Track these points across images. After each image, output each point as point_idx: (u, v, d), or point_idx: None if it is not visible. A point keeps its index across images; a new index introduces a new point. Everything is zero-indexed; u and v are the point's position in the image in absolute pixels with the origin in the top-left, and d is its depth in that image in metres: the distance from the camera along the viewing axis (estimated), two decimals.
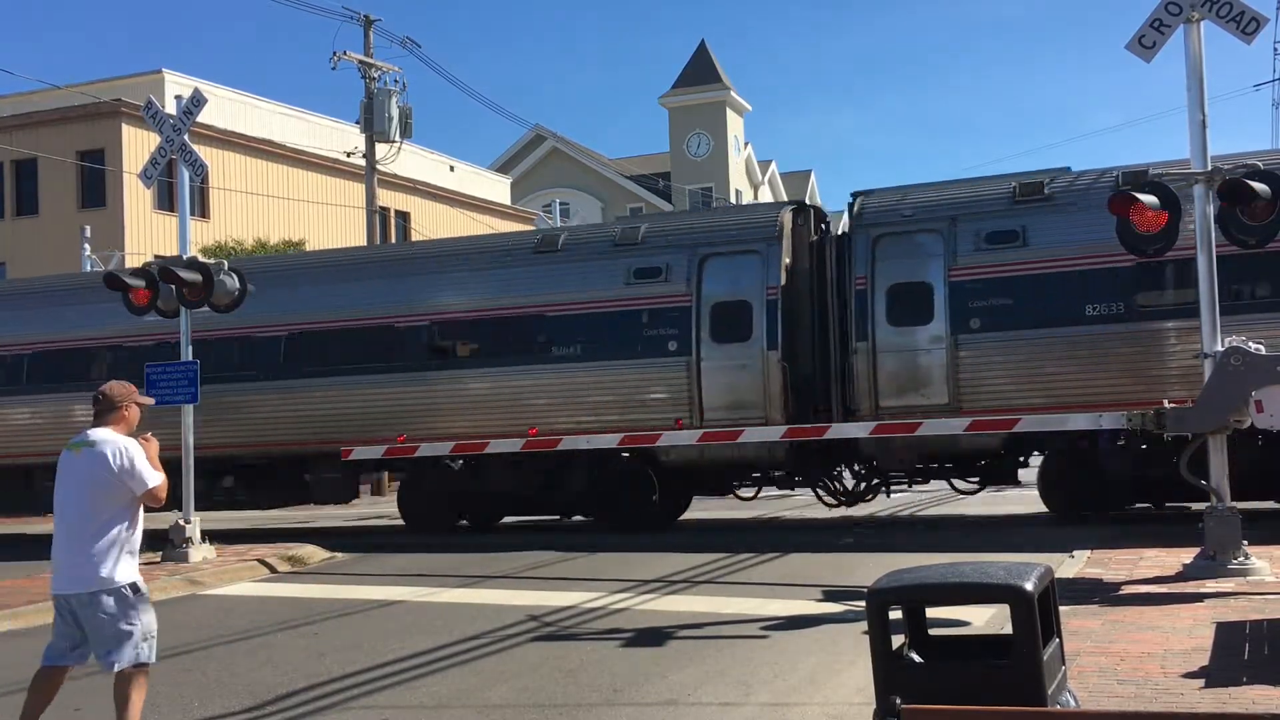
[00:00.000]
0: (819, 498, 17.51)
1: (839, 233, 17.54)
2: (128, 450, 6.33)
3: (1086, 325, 15.02)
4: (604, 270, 17.32)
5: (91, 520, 6.25)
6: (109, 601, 6.22)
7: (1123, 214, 11.02)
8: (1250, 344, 10.26)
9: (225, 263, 17.20)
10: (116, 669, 6.24)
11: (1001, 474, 16.68)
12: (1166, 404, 11.05)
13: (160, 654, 9.39)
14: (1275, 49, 32.88)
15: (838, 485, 17.50)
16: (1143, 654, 7.41)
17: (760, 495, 19.22)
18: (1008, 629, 4.63)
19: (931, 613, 5.24)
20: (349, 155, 37.10)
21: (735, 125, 65.83)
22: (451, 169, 50.19)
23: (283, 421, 18.66)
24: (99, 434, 6.43)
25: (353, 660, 8.79)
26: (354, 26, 33.60)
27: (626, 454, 17.21)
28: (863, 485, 17.27)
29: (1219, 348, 10.46)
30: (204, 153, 17.21)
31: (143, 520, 6.50)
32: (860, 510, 18.15)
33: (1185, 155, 11.49)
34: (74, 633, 6.36)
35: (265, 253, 32.41)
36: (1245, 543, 10.42)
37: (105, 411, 6.51)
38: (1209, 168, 10.78)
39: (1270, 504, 15.31)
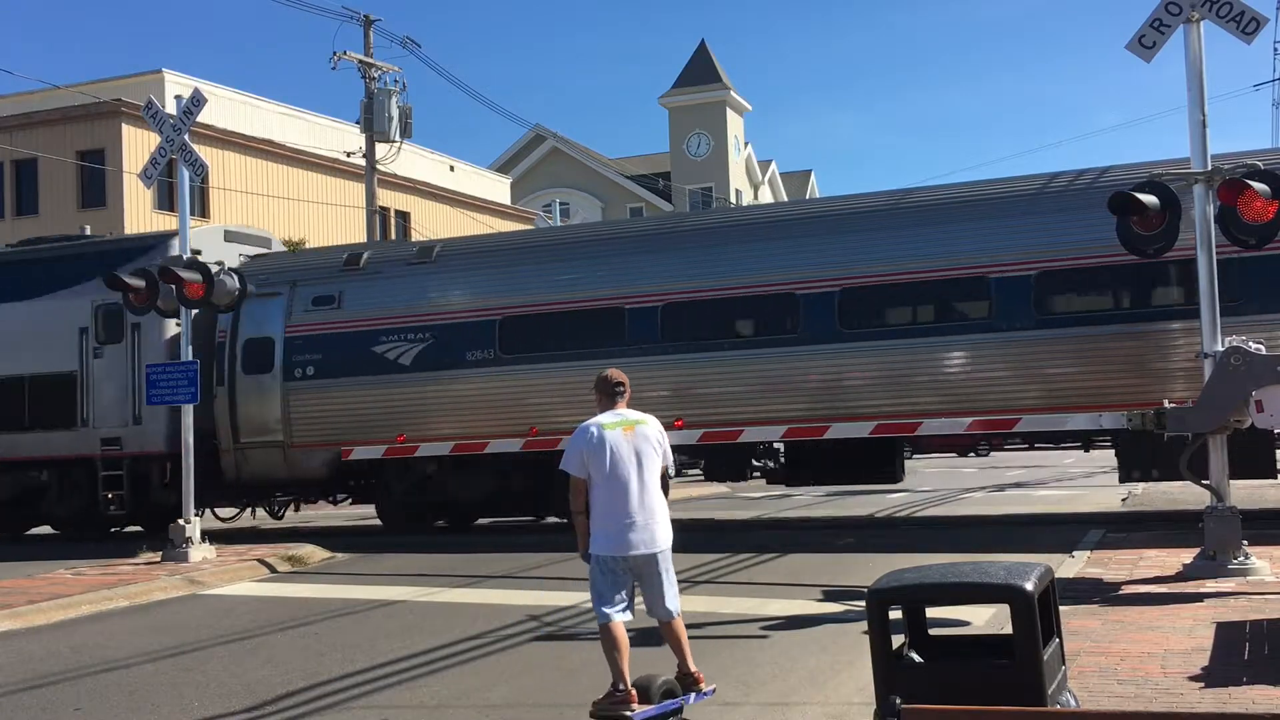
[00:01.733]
0: None
1: None
2: (663, 430, 7.21)
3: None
4: None
5: (654, 490, 6.98)
6: (666, 559, 6.94)
7: (1124, 215, 11.02)
8: (1250, 344, 10.26)
9: (225, 262, 17.19)
10: (675, 616, 6.91)
11: None
12: (1167, 403, 11.04)
13: (160, 654, 9.43)
14: (1275, 49, 32.89)
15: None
16: (1143, 654, 7.41)
17: (761, 495, 19.24)
18: (1008, 629, 4.63)
19: (931, 613, 5.24)
20: (349, 155, 37.09)
21: (735, 125, 65.82)
22: (451, 169, 50.20)
23: None
24: (638, 414, 7.17)
25: (353, 660, 8.79)
26: (354, 26, 33.63)
27: None
28: None
29: (1219, 347, 10.46)
30: (204, 152, 17.19)
31: None
32: (860, 510, 18.14)
33: (1186, 155, 11.48)
34: (629, 589, 6.93)
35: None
36: (1245, 543, 10.43)
37: (624, 394, 7.22)
38: (1209, 168, 10.78)
39: (1270, 504, 15.30)
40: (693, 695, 6.80)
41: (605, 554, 6.84)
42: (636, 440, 6.98)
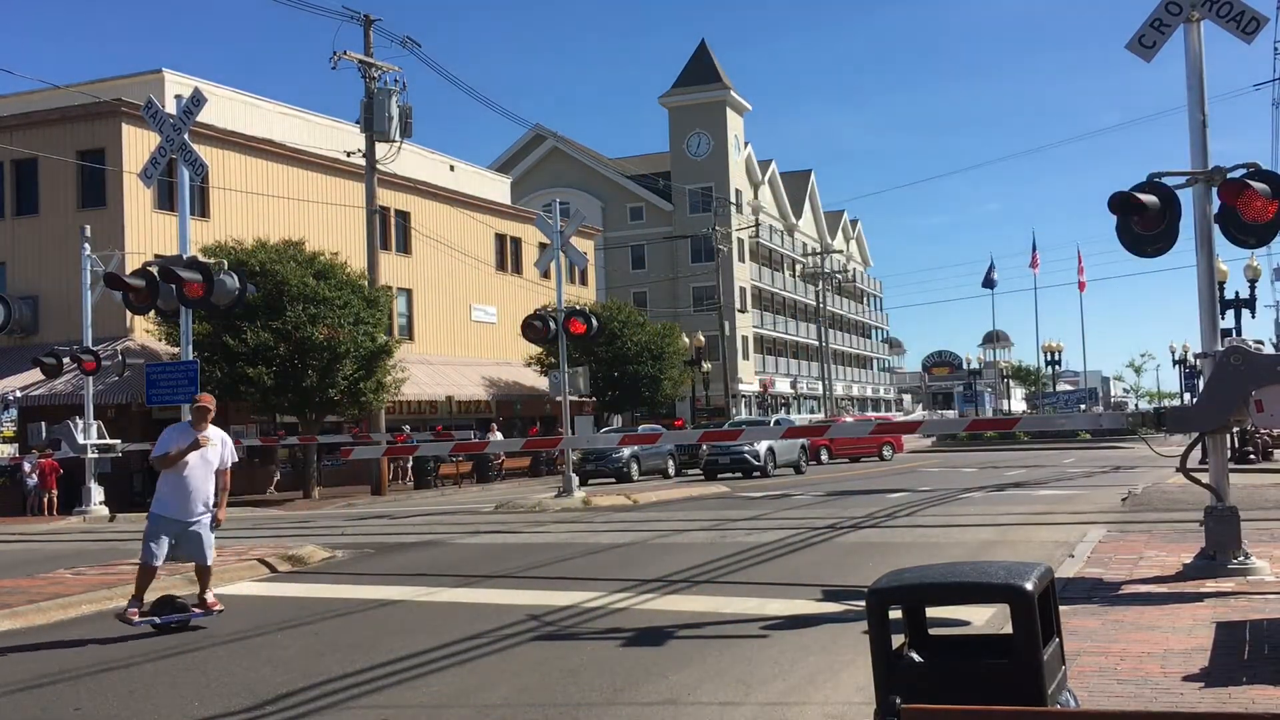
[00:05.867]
0: None
1: None
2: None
3: None
4: None
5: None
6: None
7: (1122, 215, 11.02)
8: (1250, 343, 10.26)
9: (224, 262, 17.20)
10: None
11: None
12: (1166, 404, 11.04)
13: (160, 654, 9.44)
14: (1275, 49, 32.87)
15: None
16: (1143, 654, 7.41)
17: (761, 495, 19.22)
18: (1008, 629, 4.63)
19: (931, 613, 5.23)
20: (349, 155, 37.12)
21: (735, 125, 65.79)
22: (451, 169, 50.24)
23: None
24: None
25: (353, 660, 8.79)
26: (354, 26, 33.68)
27: None
28: None
29: (1219, 347, 10.46)
30: (204, 152, 17.21)
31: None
32: (860, 511, 18.15)
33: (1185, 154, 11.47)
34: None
35: (265, 253, 32.36)
36: (1245, 542, 10.43)
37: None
38: (1209, 167, 10.78)
39: (1270, 504, 15.29)
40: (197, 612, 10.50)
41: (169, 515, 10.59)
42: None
